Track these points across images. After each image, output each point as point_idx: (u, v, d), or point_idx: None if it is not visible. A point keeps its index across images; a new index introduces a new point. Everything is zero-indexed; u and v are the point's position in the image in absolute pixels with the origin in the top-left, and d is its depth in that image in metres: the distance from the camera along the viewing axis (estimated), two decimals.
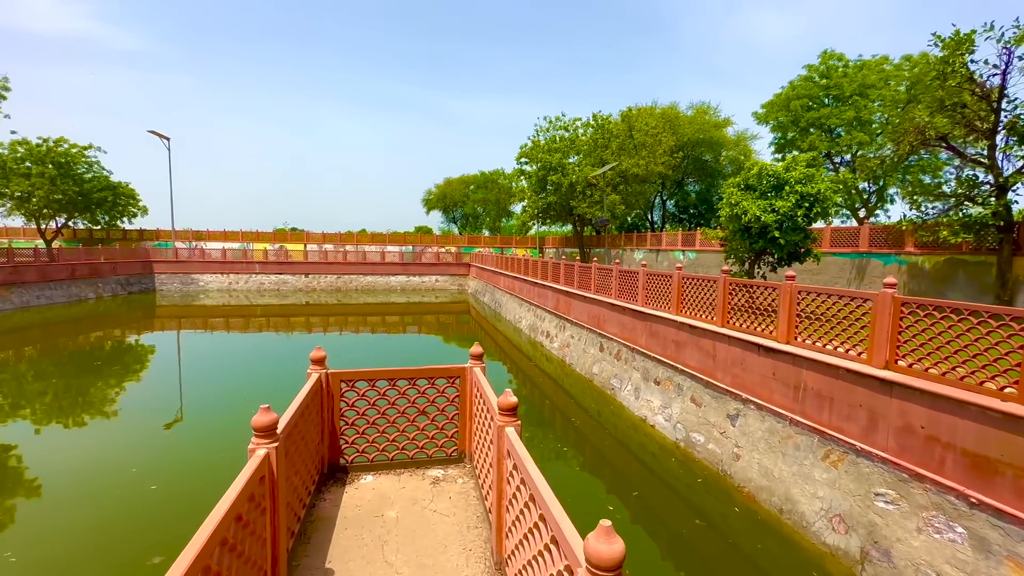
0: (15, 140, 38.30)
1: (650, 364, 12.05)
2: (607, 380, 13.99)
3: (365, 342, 23.75)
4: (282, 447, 3.00)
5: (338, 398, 4.58)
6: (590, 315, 16.07)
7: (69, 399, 13.98)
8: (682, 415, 10.34)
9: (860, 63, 29.61)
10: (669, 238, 34.80)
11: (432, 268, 46.26)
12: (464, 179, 73.63)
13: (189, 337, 24.06)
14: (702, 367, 10.05)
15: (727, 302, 9.63)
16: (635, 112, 41.24)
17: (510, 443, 3.02)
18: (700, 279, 10.66)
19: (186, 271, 41.59)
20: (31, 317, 26.78)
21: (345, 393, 4.62)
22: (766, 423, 8.18)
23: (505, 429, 3.19)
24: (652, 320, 12.11)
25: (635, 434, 11.45)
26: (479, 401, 4.44)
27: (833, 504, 6.70)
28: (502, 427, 3.23)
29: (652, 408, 11.44)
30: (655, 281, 12.37)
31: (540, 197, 38.54)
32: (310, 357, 4.48)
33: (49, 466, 9.51)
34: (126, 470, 9.11)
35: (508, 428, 3.19)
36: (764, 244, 15.95)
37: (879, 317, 6.43)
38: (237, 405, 13.07)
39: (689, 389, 10.39)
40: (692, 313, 10.74)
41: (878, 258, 20.00)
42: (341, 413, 4.63)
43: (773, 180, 15.73)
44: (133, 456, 9.85)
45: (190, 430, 11.68)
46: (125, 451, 10.20)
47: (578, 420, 12.84)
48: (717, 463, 8.97)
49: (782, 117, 31.81)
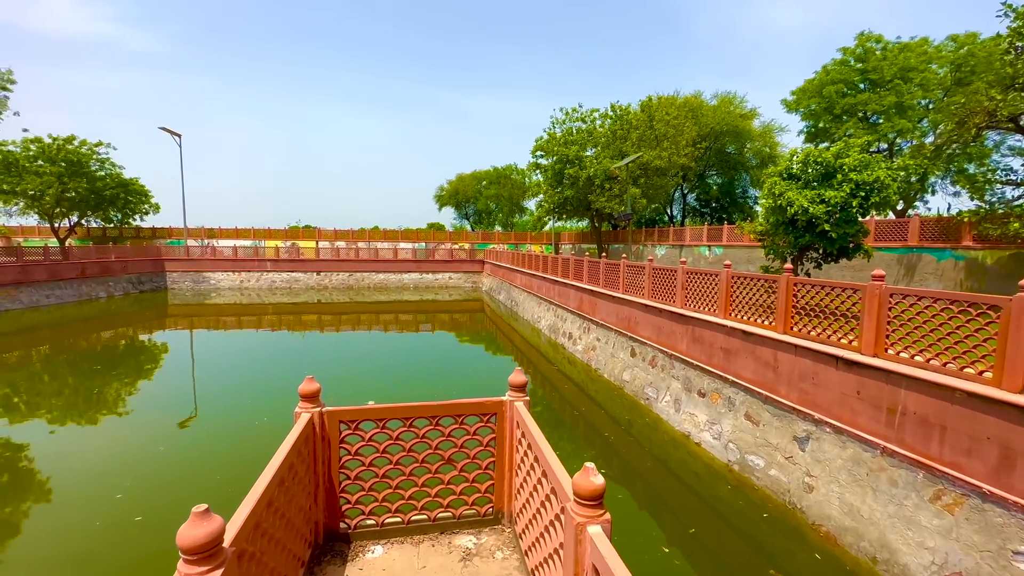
0: (27, 138, 38.11)
1: (692, 373, 10.78)
2: (640, 389, 12.74)
3: (376, 342, 22.77)
4: (235, 569, 1.85)
5: (336, 444, 3.45)
6: (619, 316, 14.81)
7: (69, 399, 13.15)
8: (735, 433, 9.07)
9: (901, 44, 27.67)
10: (693, 233, 33.23)
11: (445, 265, 45.24)
12: (476, 175, 72.43)
13: (201, 337, 23.32)
14: (759, 379, 8.76)
15: (790, 305, 8.32)
16: (656, 102, 39.57)
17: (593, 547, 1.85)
18: (754, 278, 9.36)
19: (198, 269, 41.12)
20: (40, 317, 26.30)
21: (346, 438, 3.47)
22: (848, 450, 6.89)
23: (587, 528, 2.02)
24: (694, 324, 10.83)
25: (675, 451, 10.22)
26: (523, 448, 3.28)
27: (950, 558, 5.41)
28: (582, 525, 2.05)
29: (697, 423, 10.17)
30: (697, 280, 11.07)
31: (556, 191, 37.20)
32: (299, 391, 3.35)
33: (54, 467, 8.77)
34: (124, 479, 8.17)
35: (593, 527, 2.01)
36: (811, 238, 14.54)
37: (1016, 330, 5.11)
38: (248, 404, 12.12)
39: (743, 404, 9.11)
40: (744, 317, 9.44)
41: (931, 253, 18.37)
42: (341, 464, 3.49)
43: (821, 168, 14.29)
44: (137, 459, 8.92)
45: (206, 427, 10.76)
46: (130, 453, 9.28)
47: (607, 430, 11.65)
48: (783, 493, 7.70)
49: (814, 104, 30.00)
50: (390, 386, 14.79)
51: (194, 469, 9.31)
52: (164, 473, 9.04)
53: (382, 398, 12.64)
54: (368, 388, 14.50)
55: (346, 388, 14.49)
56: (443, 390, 14.38)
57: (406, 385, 14.96)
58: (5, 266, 26.74)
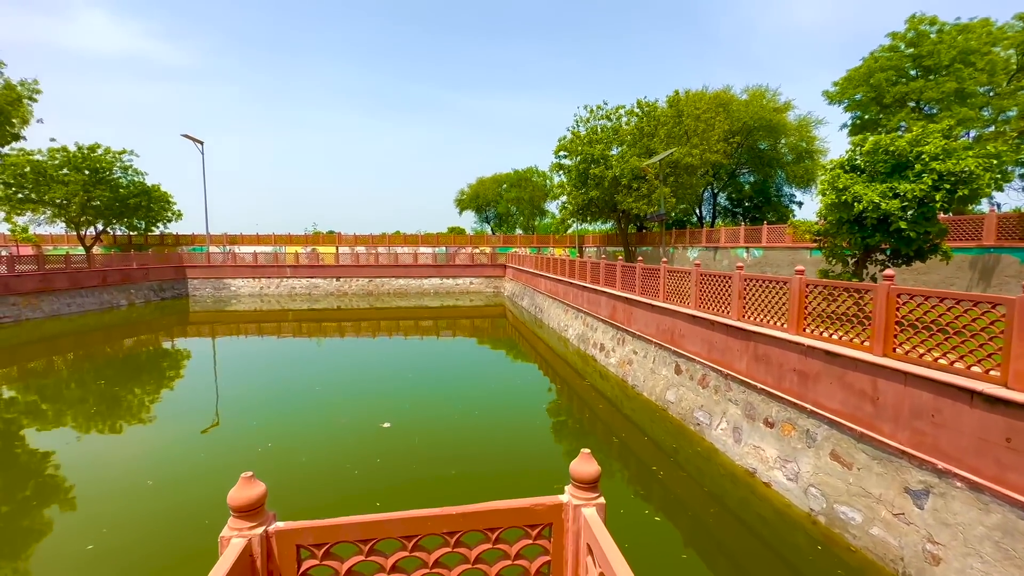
0: (53, 148, 38.55)
1: (756, 398, 9.19)
2: (688, 412, 11.17)
3: (395, 350, 21.61)
4: None
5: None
6: (659, 328, 13.26)
7: (90, 409, 12.29)
8: (817, 476, 7.46)
9: (960, 26, 25.30)
10: (728, 234, 31.22)
11: (466, 270, 44.12)
12: (497, 178, 71.42)
13: (221, 344, 22.61)
14: (851, 412, 7.14)
15: (892, 321, 6.71)
16: (684, 97, 37.70)
17: None
18: (838, 287, 7.75)
19: (218, 276, 40.93)
20: (61, 325, 26.07)
21: (308, 572, 2.14)
22: (994, 516, 5.26)
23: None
24: (757, 339, 9.24)
25: (735, 488, 8.65)
26: None
27: None
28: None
29: (764, 459, 8.58)
30: (759, 288, 9.49)
31: (581, 192, 35.68)
32: (229, 502, 2.02)
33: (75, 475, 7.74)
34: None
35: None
36: (882, 238, 12.75)
37: None
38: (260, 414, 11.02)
39: (827, 440, 7.50)
40: (826, 333, 7.83)
41: (1013, 254, 16.24)
42: None
43: (892, 158, 12.51)
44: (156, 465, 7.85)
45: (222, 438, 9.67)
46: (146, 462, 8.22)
47: (647, 455, 10.16)
48: (893, 561, 6.08)
49: (861, 93, 27.78)
50: (408, 403, 13.54)
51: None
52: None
53: (398, 419, 11.21)
54: (383, 407, 13.29)
55: (360, 408, 13.32)
56: (466, 407, 13.06)
57: (423, 402, 13.69)
58: (26, 275, 26.64)
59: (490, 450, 10.70)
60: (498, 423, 12.25)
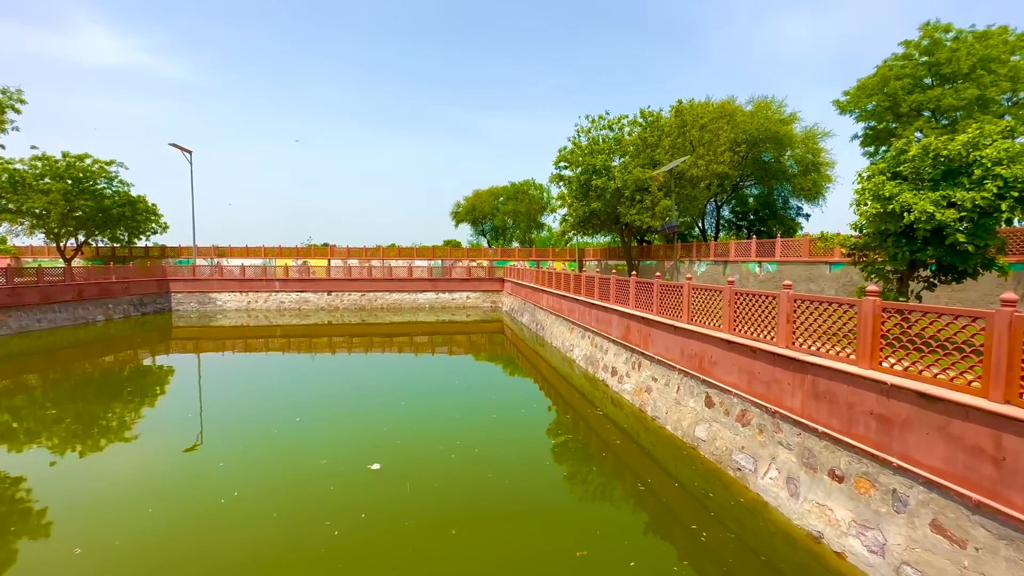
0: (34, 155, 37.05)
1: (816, 443, 7.64)
2: (725, 453, 9.59)
3: (387, 369, 19.92)
4: None
5: None
6: (684, 353, 11.74)
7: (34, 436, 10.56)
8: (912, 552, 5.90)
9: (978, 33, 24.45)
10: (739, 247, 29.87)
11: (463, 284, 42.59)
12: (493, 191, 70.39)
13: (203, 362, 20.85)
14: (960, 474, 5.61)
15: (1018, 356, 5.22)
16: (687, 106, 36.75)
17: None
18: (927, 311, 6.28)
19: (203, 290, 39.17)
20: (28, 343, 24.27)
21: None
22: None
23: None
24: (815, 372, 7.73)
25: (789, 551, 7.07)
26: None
27: None
28: None
29: (831, 520, 7.00)
30: (812, 311, 8.00)
31: (582, 204, 34.41)
32: None
33: None
34: None
35: None
36: (935, 252, 11.35)
37: None
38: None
39: (925, 506, 5.95)
40: (914, 369, 6.34)
41: None
42: None
43: (944, 163, 11.19)
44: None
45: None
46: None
47: (680, 506, 8.58)
48: None
49: (875, 102, 26.79)
50: (400, 438, 11.88)
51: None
52: None
53: (388, 458, 9.36)
54: (372, 443, 11.64)
55: (347, 444, 11.67)
56: (465, 442, 11.41)
57: (417, 437, 12.03)
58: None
59: (494, 493, 9.10)
60: (503, 464, 10.60)
